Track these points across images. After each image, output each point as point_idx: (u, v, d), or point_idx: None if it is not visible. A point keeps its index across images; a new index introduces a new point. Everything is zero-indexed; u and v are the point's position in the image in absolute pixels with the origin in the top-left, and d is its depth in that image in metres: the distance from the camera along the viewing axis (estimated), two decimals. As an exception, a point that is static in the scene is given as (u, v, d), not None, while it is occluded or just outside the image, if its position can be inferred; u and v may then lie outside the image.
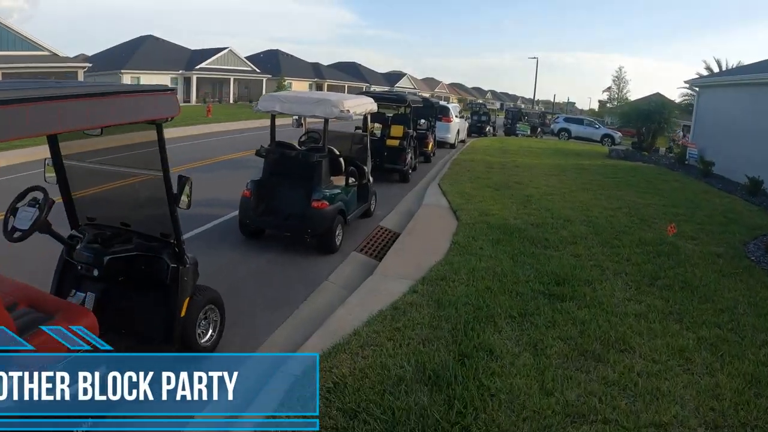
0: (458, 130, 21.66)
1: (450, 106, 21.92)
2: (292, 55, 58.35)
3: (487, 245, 6.55)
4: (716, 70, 27.69)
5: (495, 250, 6.38)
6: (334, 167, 6.76)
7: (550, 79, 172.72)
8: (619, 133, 33.46)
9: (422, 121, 15.29)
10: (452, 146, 20.56)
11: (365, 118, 8.31)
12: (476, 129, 29.24)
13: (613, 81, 61.64)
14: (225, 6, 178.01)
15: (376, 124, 9.60)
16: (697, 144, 18.51)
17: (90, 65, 33.38)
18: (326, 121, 6.51)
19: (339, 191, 6.75)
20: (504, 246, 6.55)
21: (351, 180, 7.12)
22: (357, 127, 10.03)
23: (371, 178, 8.25)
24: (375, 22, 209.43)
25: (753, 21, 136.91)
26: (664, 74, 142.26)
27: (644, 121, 21.42)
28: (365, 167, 8.01)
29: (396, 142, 11.91)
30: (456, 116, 21.41)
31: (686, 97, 27.92)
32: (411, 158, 12.50)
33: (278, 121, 7.39)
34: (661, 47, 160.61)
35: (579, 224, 8.03)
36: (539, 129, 34.85)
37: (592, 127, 34.37)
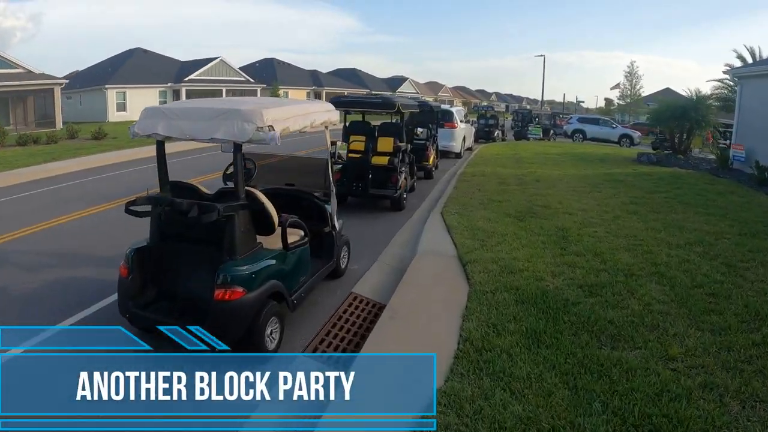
0: (464, 137, 19.03)
1: (454, 110, 19.31)
2: (288, 64, 55.90)
3: (520, 346, 3.92)
4: (749, 59, 24.82)
5: (534, 358, 3.74)
6: (259, 223, 4.15)
7: (554, 78, 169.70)
8: (638, 133, 30.80)
9: (420, 129, 12.74)
10: (458, 156, 18.01)
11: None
12: (484, 134, 26.72)
13: (625, 76, 57.93)
14: (224, 18, 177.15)
15: (340, 143, 6.93)
16: (744, 145, 15.81)
17: (67, 81, 31.19)
18: (238, 147, 3.90)
19: (271, 261, 4.11)
20: (548, 348, 3.89)
21: (297, 237, 4.51)
22: (335, 143, 7.48)
23: (338, 223, 5.62)
24: (377, 28, 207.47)
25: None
26: (669, 71, 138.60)
27: (679, 119, 18.61)
28: (327, 207, 5.43)
29: (384, 160, 9.21)
30: (461, 121, 18.82)
31: (717, 91, 25.04)
32: (405, 179, 9.81)
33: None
34: (665, 43, 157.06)
35: (648, 281, 5.40)
36: (551, 131, 32.28)
37: (608, 127, 31.78)
